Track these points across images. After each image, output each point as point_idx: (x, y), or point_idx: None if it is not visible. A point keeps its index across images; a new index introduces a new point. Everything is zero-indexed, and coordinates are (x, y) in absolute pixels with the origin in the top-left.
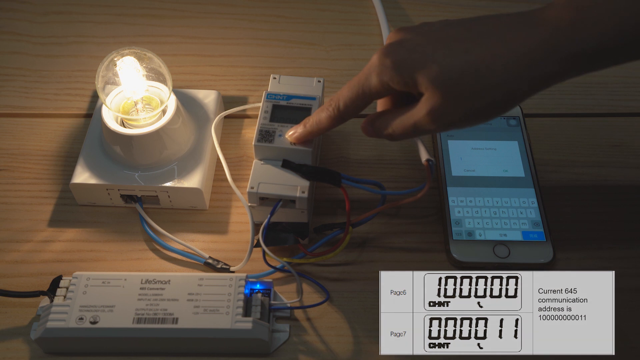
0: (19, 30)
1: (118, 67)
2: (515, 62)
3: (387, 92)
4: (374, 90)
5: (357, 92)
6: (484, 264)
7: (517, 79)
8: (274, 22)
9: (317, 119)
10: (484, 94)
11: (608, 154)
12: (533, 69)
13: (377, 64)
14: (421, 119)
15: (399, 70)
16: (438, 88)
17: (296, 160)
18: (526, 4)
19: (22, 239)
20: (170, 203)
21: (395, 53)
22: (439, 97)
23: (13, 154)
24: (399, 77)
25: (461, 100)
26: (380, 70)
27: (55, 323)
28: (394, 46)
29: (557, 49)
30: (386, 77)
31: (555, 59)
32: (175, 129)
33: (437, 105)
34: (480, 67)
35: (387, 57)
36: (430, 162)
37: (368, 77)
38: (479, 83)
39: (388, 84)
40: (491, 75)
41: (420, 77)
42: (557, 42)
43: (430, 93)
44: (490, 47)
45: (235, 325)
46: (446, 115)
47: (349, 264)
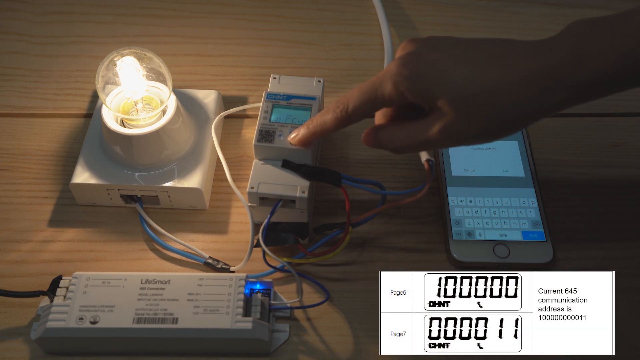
0: (19, 30)
1: (118, 67)
2: (527, 87)
3: (398, 102)
4: (387, 97)
5: (369, 97)
6: (484, 264)
7: (528, 103)
8: (274, 22)
9: (321, 120)
10: (497, 115)
11: (608, 154)
12: (543, 94)
13: (394, 72)
14: (433, 135)
15: (417, 82)
16: (455, 105)
17: (296, 160)
18: (526, 4)
19: (22, 239)
20: (170, 203)
21: (415, 65)
22: (454, 114)
23: (13, 154)
24: (415, 89)
25: (475, 119)
26: (397, 80)
27: (55, 323)
28: (412, 57)
29: (564, 77)
30: (403, 86)
31: (562, 87)
32: (175, 129)
33: (450, 123)
34: (495, 89)
35: (406, 67)
36: (430, 162)
37: (383, 83)
38: (494, 104)
39: (403, 93)
40: (505, 98)
41: (437, 92)
42: (563, 71)
43: (446, 110)
44: (505, 70)
45: (235, 325)
46: (458, 133)
47: (349, 264)
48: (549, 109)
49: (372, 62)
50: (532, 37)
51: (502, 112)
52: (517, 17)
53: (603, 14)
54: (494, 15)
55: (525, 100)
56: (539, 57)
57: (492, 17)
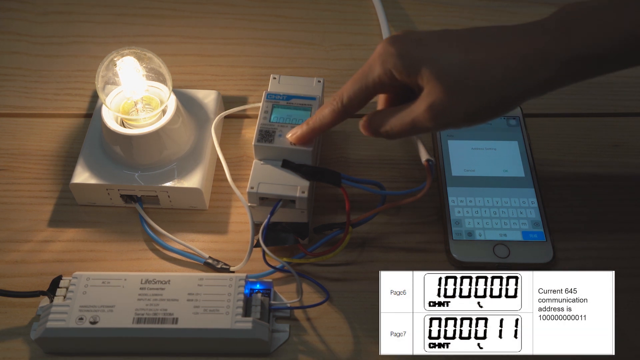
0: (19, 30)
1: (118, 67)
2: (512, 65)
3: (390, 83)
4: (377, 79)
5: (361, 84)
6: (484, 264)
7: (514, 82)
8: (274, 22)
9: (320, 116)
10: (482, 93)
11: (608, 154)
12: (532, 72)
13: (381, 52)
14: (420, 115)
15: (403, 59)
16: (441, 82)
17: (296, 160)
18: (526, 4)
19: (22, 239)
20: (170, 203)
21: (401, 42)
22: (439, 91)
23: (13, 154)
24: (402, 65)
25: (461, 97)
26: (385, 58)
27: (55, 323)
28: (399, 37)
29: (551, 55)
30: (389, 64)
31: (549, 65)
32: (175, 129)
33: (437, 101)
34: (481, 67)
35: (392, 45)
36: (430, 162)
37: (372, 66)
38: (479, 82)
39: (391, 71)
40: (490, 75)
41: (424, 69)
42: (550, 49)
43: (432, 87)
44: (490, 50)
45: (235, 325)
46: (445, 112)
47: (349, 264)
48: (538, 86)
49: None
50: None
51: (490, 88)
52: (517, 17)
53: None
54: (494, 15)
55: (513, 78)
56: (528, 36)
57: (492, 17)
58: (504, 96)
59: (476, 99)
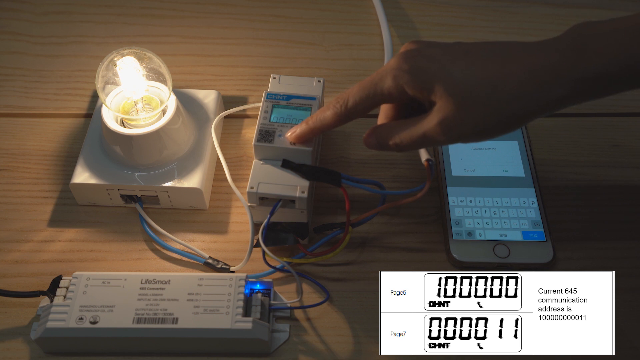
0: (19, 30)
1: (118, 67)
2: (526, 81)
3: (398, 97)
4: (386, 91)
5: (369, 92)
6: (484, 264)
7: (527, 98)
8: (274, 22)
9: (321, 116)
10: (495, 109)
11: (608, 154)
12: (543, 89)
13: (394, 66)
14: (431, 129)
15: (416, 76)
16: (453, 98)
17: (296, 160)
18: (526, 4)
19: (22, 239)
20: (170, 203)
21: (415, 59)
22: (452, 107)
23: (13, 154)
24: (415, 82)
25: (473, 112)
26: (397, 73)
27: (55, 323)
28: (413, 53)
29: (564, 73)
30: (402, 80)
31: (562, 82)
32: (175, 129)
33: (449, 116)
34: (495, 83)
35: (406, 62)
36: (430, 162)
37: (383, 78)
38: (492, 98)
39: (403, 87)
40: (504, 91)
41: (437, 85)
42: (563, 66)
43: (444, 102)
44: (505, 66)
45: (235, 325)
46: (457, 126)
47: (349, 264)
48: (548, 105)
49: (372, 62)
50: (532, 37)
51: (501, 105)
52: (517, 17)
53: (604, 14)
54: (494, 15)
55: (524, 94)
56: (540, 54)
57: (492, 17)
58: (515, 113)
59: (487, 115)
